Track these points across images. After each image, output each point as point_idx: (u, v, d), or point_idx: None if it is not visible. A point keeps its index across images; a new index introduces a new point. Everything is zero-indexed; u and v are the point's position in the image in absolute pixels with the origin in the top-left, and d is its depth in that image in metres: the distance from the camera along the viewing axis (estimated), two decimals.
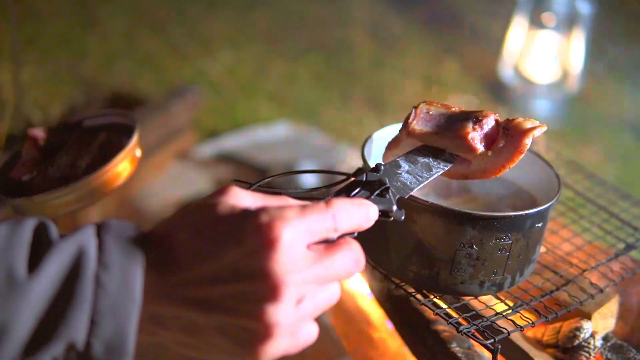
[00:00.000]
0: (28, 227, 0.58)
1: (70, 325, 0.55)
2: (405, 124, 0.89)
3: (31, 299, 0.55)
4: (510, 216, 0.87)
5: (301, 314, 0.61)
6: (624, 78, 2.67)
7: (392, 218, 0.73)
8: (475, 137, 0.85)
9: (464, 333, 0.86)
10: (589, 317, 0.99)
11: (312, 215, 0.61)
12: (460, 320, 0.89)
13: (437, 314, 0.89)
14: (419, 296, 0.92)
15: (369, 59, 2.78)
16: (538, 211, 0.88)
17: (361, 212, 0.66)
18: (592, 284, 0.98)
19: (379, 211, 0.71)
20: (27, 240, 0.57)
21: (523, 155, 0.85)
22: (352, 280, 1.19)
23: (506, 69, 2.56)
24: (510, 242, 0.87)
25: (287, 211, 0.60)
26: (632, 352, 0.98)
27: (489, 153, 0.86)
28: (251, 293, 0.58)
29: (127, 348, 0.58)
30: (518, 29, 2.49)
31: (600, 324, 1.01)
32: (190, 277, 0.59)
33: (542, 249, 1.03)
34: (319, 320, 0.67)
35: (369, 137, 1.00)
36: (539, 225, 0.90)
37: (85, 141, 0.97)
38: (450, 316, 0.89)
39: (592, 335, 0.97)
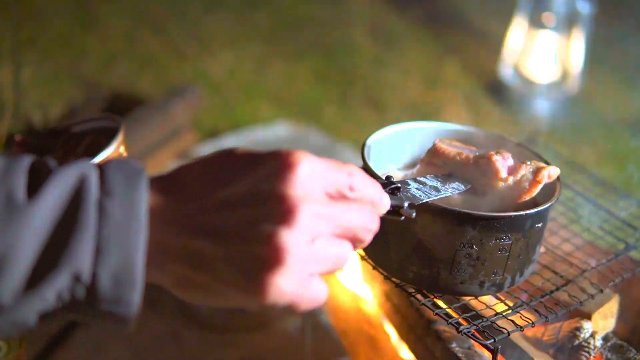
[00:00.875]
0: (25, 158, 0.55)
1: (74, 254, 0.53)
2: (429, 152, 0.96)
3: (32, 225, 0.52)
4: (510, 216, 0.87)
5: (312, 254, 0.58)
6: (624, 78, 2.67)
7: (403, 217, 0.71)
8: (499, 160, 0.92)
9: (464, 333, 0.86)
10: (589, 317, 0.99)
11: (330, 164, 0.61)
12: (460, 320, 0.89)
13: (437, 314, 0.89)
14: (419, 296, 0.92)
15: (369, 59, 2.77)
16: (538, 211, 0.88)
17: (376, 187, 0.65)
18: (592, 284, 0.98)
19: (390, 206, 0.69)
20: (25, 168, 0.54)
21: (540, 186, 0.91)
22: (351, 280, 1.19)
23: (506, 69, 2.56)
24: (510, 242, 0.87)
25: (307, 153, 0.59)
26: (632, 352, 0.98)
27: (510, 179, 0.91)
28: (264, 216, 0.56)
29: (135, 279, 0.54)
30: (518, 29, 2.49)
31: (600, 324, 1.01)
32: (200, 205, 0.57)
33: (542, 249, 1.03)
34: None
35: (369, 137, 1.00)
36: (539, 225, 0.90)
37: (71, 145, 0.98)
38: (450, 316, 0.89)
39: (592, 335, 0.97)
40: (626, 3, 2.88)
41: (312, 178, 0.58)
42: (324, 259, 0.60)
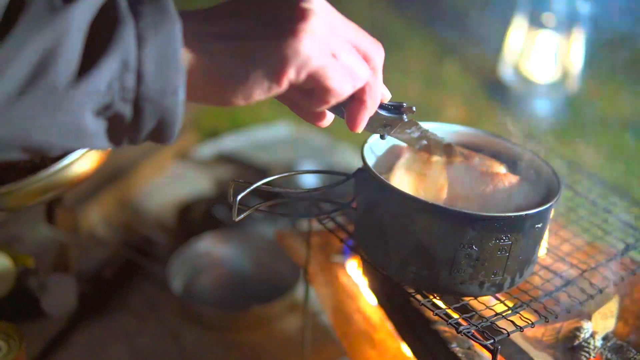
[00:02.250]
0: None
1: (119, 43, 0.56)
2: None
3: (74, 21, 0.55)
4: (510, 217, 0.87)
5: (333, 34, 0.65)
6: (624, 78, 2.67)
7: (404, 114, 0.81)
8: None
9: (464, 333, 0.86)
10: (589, 317, 0.99)
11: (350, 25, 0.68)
12: (460, 320, 0.89)
13: (436, 314, 0.89)
14: (418, 297, 0.92)
15: None
16: (538, 212, 0.88)
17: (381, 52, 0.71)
18: (591, 284, 0.98)
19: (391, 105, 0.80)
20: None
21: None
22: (351, 280, 1.20)
23: (506, 69, 2.56)
24: (510, 242, 0.87)
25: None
26: (632, 352, 0.98)
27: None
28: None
29: (178, 62, 0.58)
30: (518, 29, 2.49)
31: (600, 324, 1.01)
32: (225, 9, 0.63)
33: (542, 250, 1.03)
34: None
35: (370, 137, 1.00)
36: (539, 226, 0.90)
37: None
38: (450, 316, 0.89)
39: (592, 336, 0.97)
40: (626, 3, 2.88)
41: (329, 17, 0.65)
42: (343, 47, 0.66)
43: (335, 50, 0.65)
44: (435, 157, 0.96)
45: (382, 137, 0.85)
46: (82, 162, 0.91)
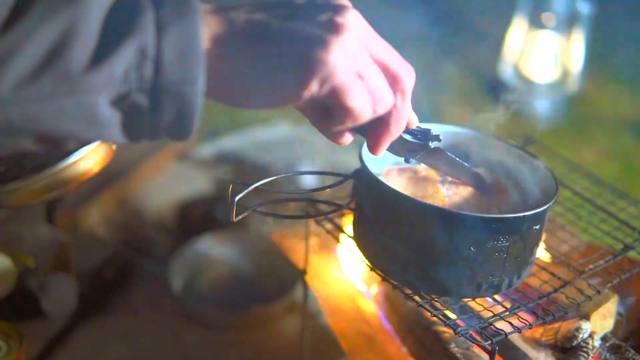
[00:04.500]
0: None
1: (138, 30, 0.55)
2: None
3: (93, 6, 0.55)
4: (507, 218, 0.87)
5: (362, 55, 0.64)
6: (624, 78, 2.67)
7: (430, 143, 0.82)
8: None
9: (462, 334, 0.86)
10: (587, 317, 0.99)
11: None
12: (458, 321, 0.89)
13: (435, 315, 0.90)
14: (417, 298, 0.92)
15: None
16: (535, 213, 0.88)
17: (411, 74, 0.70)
18: (589, 285, 0.98)
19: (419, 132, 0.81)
20: None
21: None
22: (350, 281, 1.20)
23: (506, 69, 2.56)
24: (508, 244, 0.87)
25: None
26: (631, 352, 0.98)
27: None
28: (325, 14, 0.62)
29: (198, 53, 0.57)
30: (518, 29, 2.49)
31: (599, 324, 1.01)
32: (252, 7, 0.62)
33: (540, 251, 1.03)
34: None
35: None
36: (537, 227, 0.90)
37: None
38: (448, 318, 0.90)
39: (591, 336, 0.97)
40: (626, 3, 2.88)
41: (363, 34, 0.64)
42: (370, 69, 0.64)
43: (363, 71, 0.63)
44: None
45: (406, 161, 0.84)
46: (87, 160, 0.91)
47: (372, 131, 0.72)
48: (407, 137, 0.80)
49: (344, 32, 0.61)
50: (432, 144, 0.82)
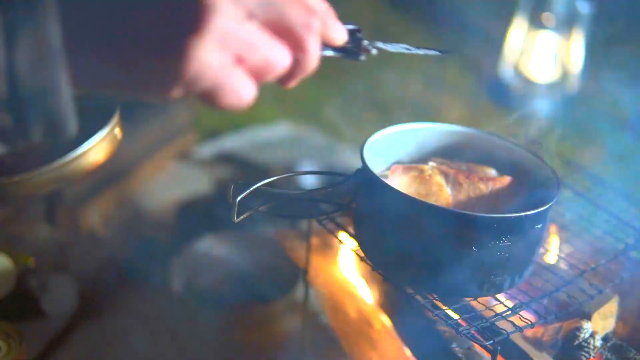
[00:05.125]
0: None
1: None
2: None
3: None
4: (509, 217, 0.87)
5: (241, 33, 0.53)
6: (623, 78, 2.66)
7: (362, 55, 0.73)
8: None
9: (464, 334, 0.86)
10: (588, 317, 0.99)
11: None
12: (459, 321, 0.89)
13: (436, 315, 0.89)
14: (418, 297, 0.92)
15: (369, 58, 2.77)
16: (537, 212, 0.88)
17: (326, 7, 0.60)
18: (591, 284, 0.98)
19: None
20: None
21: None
22: (351, 281, 1.20)
23: (506, 69, 2.56)
24: (510, 243, 0.87)
25: None
26: (632, 352, 0.98)
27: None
28: None
29: (56, 59, 0.49)
30: (518, 29, 2.49)
31: (600, 324, 1.01)
32: None
33: (542, 250, 1.03)
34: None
35: (369, 138, 1.00)
36: (538, 226, 0.90)
37: None
38: (449, 317, 0.89)
39: (592, 336, 0.97)
40: (626, 3, 2.88)
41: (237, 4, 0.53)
42: (253, 45, 0.54)
43: (243, 51, 0.54)
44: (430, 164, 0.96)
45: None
46: (96, 150, 0.91)
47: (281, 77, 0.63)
48: (332, 52, 0.72)
49: (210, 17, 0.50)
50: (362, 57, 0.75)
